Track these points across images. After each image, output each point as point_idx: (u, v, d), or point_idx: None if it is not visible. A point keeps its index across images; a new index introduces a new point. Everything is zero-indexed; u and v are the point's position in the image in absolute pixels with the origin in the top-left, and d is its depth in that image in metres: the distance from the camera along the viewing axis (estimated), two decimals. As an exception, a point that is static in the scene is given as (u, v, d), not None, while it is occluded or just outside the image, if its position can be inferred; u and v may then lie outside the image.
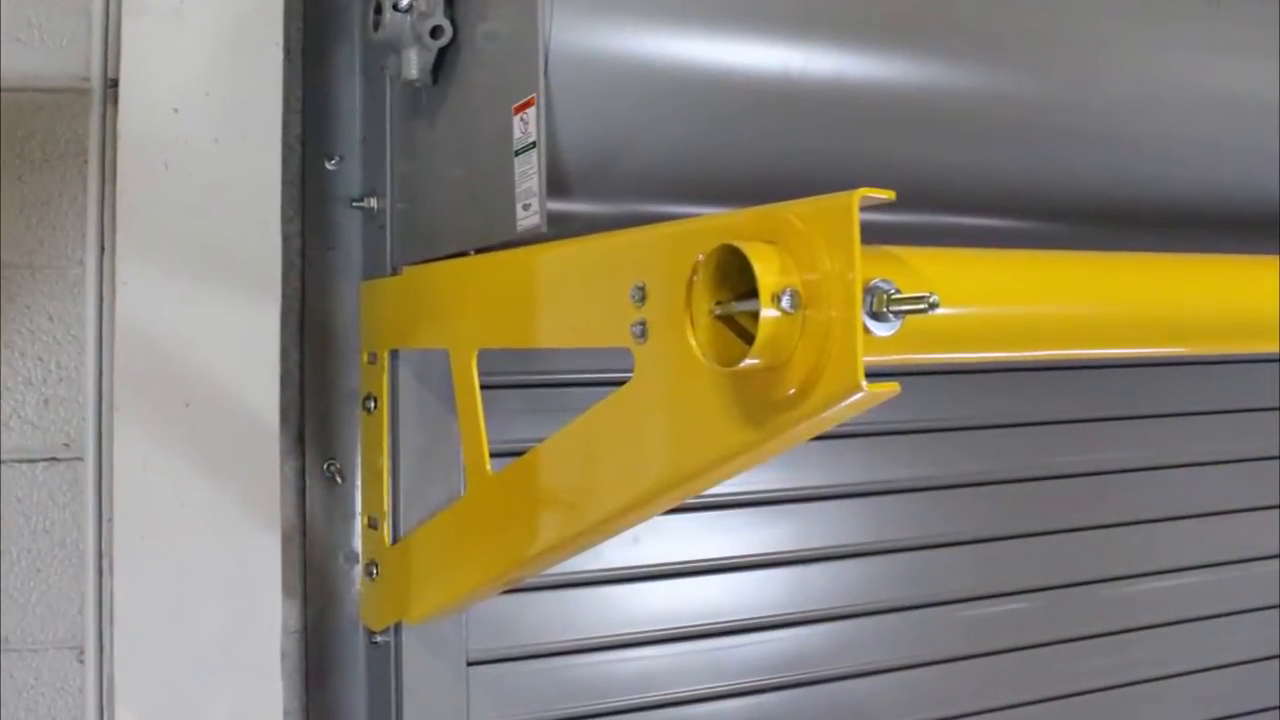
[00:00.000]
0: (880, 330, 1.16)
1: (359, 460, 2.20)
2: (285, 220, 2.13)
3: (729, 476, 1.41)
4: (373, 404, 2.11)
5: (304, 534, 2.21)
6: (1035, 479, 2.83)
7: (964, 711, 2.76)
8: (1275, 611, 3.12)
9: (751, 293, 1.20)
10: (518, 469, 1.73)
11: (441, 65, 1.86)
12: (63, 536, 2.06)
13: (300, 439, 2.21)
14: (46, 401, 2.05)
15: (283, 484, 2.13)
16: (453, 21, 1.82)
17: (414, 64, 1.85)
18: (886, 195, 1.17)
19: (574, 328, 1.64)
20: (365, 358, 2.14)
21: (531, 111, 1.63)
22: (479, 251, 1.83)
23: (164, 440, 2.02)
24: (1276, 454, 3.10)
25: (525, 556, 1.74)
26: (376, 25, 1.86)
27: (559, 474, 1.66)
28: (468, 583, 1.90)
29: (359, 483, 2.20)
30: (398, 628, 2.09)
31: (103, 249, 2.05)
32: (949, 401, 2.69)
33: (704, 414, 1.33)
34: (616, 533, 1.65)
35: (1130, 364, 2.93)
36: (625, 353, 1.44)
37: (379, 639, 2.13)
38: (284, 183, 2.11)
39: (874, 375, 1.15)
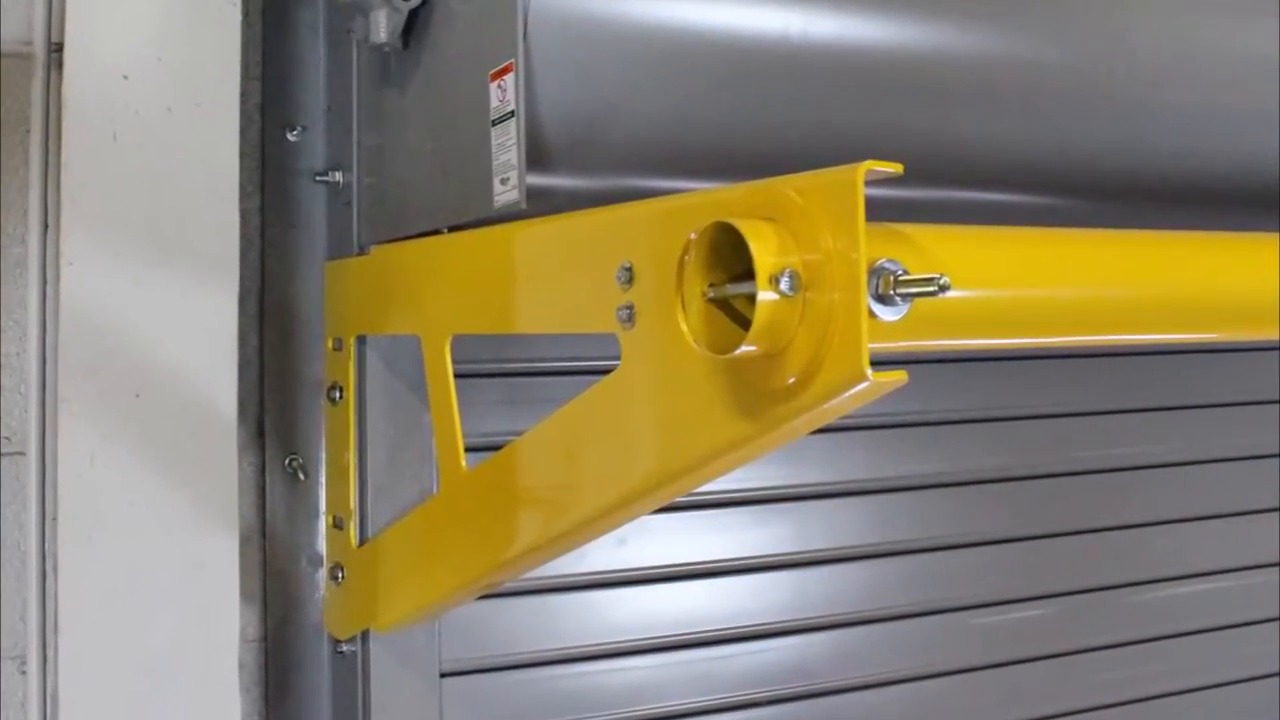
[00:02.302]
0: (886, 314, 1.17)
1: (323, 455, 2.20)
2: (243, 196, 2.13)
3: (723, 473, 1.41)
4: (338, 394, 2.11)
5: (264, 535, 2.22)
6: (1055, 475, 2.84)
7: (978, 726, 2.77)
8: (1315, 618, 3.13)
9: (748, 274, 1.20)
10: (495, 465, 1.73)
11: (412, 28, 1.86)
12: (4, 537, 2.06)
13: (260, 432, 2.21)
14: (-15, 391, 2.05)
15: (241, 481, 2.14)
16: (424, -20, 1.83)
17: (382, 27, 1.84)
18: (894, 168, 1.17)
19: (555, 312, 1.64)
20: (330, 344, 2.14)
21: (509, 78, 1.63)
22: (453, 229, 1.83)
23: (112, 433, 2.02)
24: (1317, 449, 3.11)
25: (503, 559, 1.74)
26: (342, -16, 1.86)
27: (539, 470, 1.66)
28: (441, 588, 1.91)
29: (323, 480, 2.21)
30: (365, 636, 2.09)
31: (46, 226, 2.05)
32: (961, 392, 2.69)
33: (696, 405, 1.33)
34: (601, 533, 1.65)
35: (1158, 351, 2.93)
36: (611, 339, 1.44)
37: (345, 648, 2.13)
38: (242, 155, 2.11)
39: (880, 363, 1.15)
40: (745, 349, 1.21)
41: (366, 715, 2.08)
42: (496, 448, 1.71)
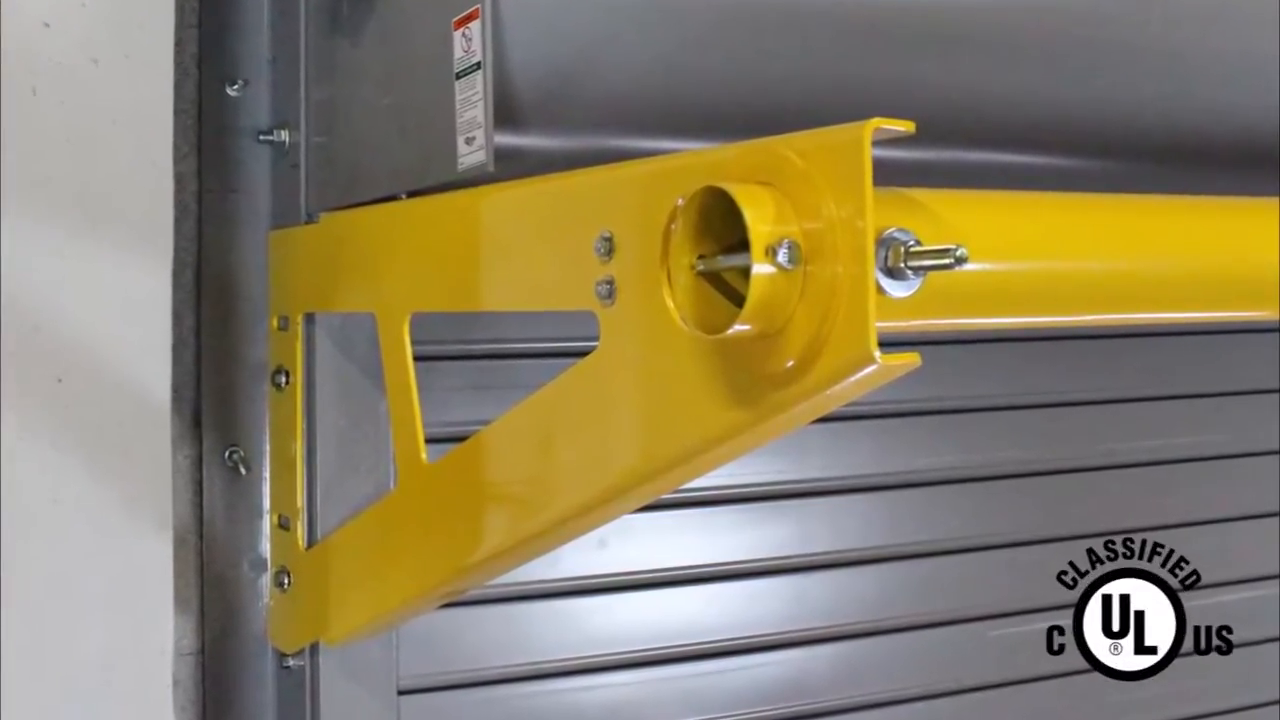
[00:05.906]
0: (897, 290, 1.16)
1: (267, 447, 2.20)
2: (178, 157, 2.13)
3: (714, 467, 1.41)
4: (284, 379, 2.11)
5: (201, 536, 2.21)
6: (1085, 469, 2.84)
7: (997, 749, 2.78)
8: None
9: (741, 245, 1.19)
10: (459, 458, 1.73)
11: (367, -31, 1.86)
12: (-89, 540, 2.06)
13: (197, 421, 2.21)
14: (-110, 377, 2.05)
15: (176, 476, 2.14)
16: (380, -84, 1.83)
17: (333, -33, 1.85)
18: (905, 127, 1.17)
19: (527, 287, 1.64)
20: (275, 323, 2.14)
21: (475, 26, 1.63)
22: (412, 195, 1.83)
23: (33, 423, 2.01)
24: (1378, 438, 3.11)
25: (468, 563, 1.74)
26: (288, -80, 1.86)
27: (509, 463, 1.66)
28: (398, 595, 1.91)
29: (267, 474, 2.20)
30: (314, 650, 2.09)
31: (-43, 192, 2.05)
32: (979, 376, 2.70)
33: (684, 390, 1.33)
34: (578, 535, 1.66)
35: (1201, 331, 2.93)
36: (589, 317, 1.44)
37: (291, 663, 2.14)
38: (177, 112, 2.11)
39: (889, 344, 1.15)
40: (738, 328, 1.21)
41: (315, 737, 2.09)
42: (461, 439, 1.71)
